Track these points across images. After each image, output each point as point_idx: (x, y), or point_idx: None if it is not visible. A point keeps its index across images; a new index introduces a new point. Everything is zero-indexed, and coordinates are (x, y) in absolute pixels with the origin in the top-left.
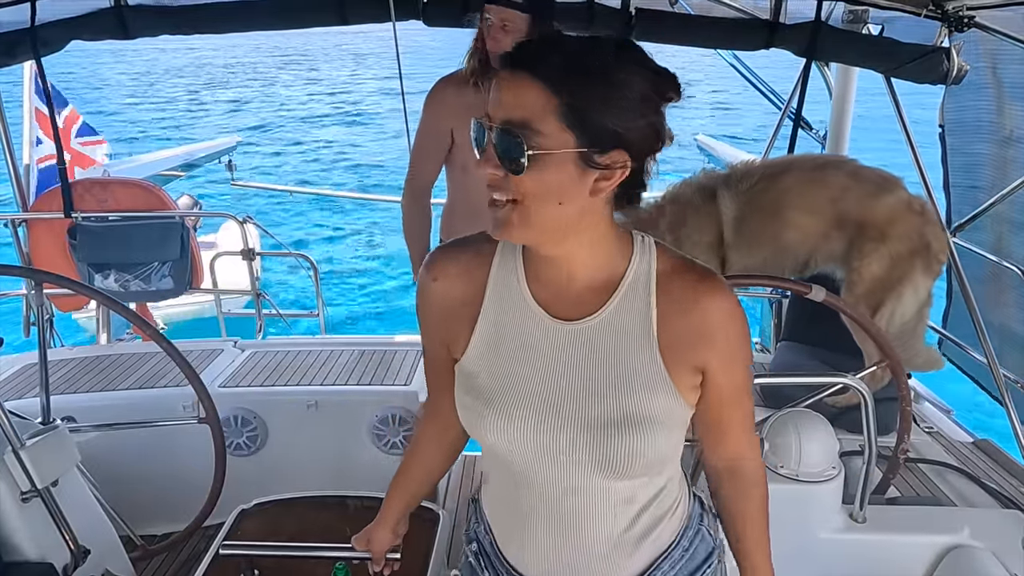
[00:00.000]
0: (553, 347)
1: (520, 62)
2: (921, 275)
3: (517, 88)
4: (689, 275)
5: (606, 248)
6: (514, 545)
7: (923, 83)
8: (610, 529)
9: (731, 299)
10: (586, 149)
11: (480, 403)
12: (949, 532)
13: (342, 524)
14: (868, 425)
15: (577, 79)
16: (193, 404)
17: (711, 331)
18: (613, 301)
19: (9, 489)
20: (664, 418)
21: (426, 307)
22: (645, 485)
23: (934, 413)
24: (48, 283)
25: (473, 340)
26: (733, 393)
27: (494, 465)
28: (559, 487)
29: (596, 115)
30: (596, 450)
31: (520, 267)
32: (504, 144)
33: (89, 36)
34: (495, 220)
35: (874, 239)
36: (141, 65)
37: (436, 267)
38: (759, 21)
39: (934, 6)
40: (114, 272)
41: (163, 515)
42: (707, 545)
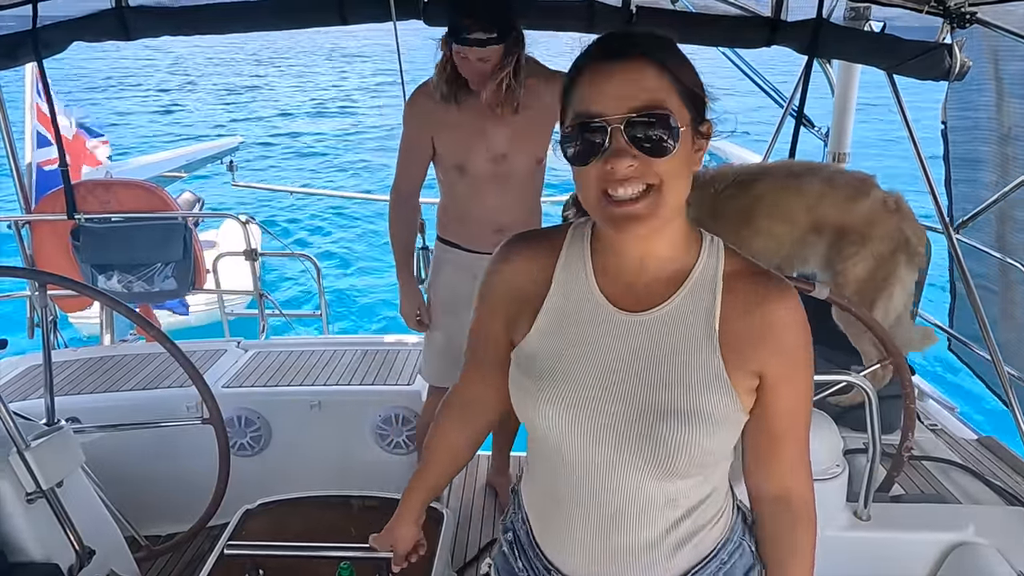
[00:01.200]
0: (615, 336)
1: (627, 50)
2: (905, 270)
3: (635, 74)
4: (756, 278)
5: (681, 242)
6: (551, 537)
7: (925, 80)
8: (650, 530)
9: (798, 307)
10: (696, 121)
11: (536, 384)
12: (954, 529)
13: (346, 524)
14: (872, 423)
15: (676, 57)
16: (197, 405)
17: (773, 335)
18: (679, 295)
19: (14, 490)
20: (715, 416)
21: (496, 286)
22: (690, 489)
23: (938, 411)
24: (52, 284)
25: (537, 323)
26: (792, 406)
27: (540, 453)
28: (603, 479)
29: (694, 89)
30: (643, 439)
31: (588, 256)
32: (646, 130)
33: (90, 37)
34: (630, 215)
35: (855, 242)
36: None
37: (513, 250)
38: (760, 18)
39: (936, 2)
40: (117, 273)
41: (168, 515)
42: (746, 561)
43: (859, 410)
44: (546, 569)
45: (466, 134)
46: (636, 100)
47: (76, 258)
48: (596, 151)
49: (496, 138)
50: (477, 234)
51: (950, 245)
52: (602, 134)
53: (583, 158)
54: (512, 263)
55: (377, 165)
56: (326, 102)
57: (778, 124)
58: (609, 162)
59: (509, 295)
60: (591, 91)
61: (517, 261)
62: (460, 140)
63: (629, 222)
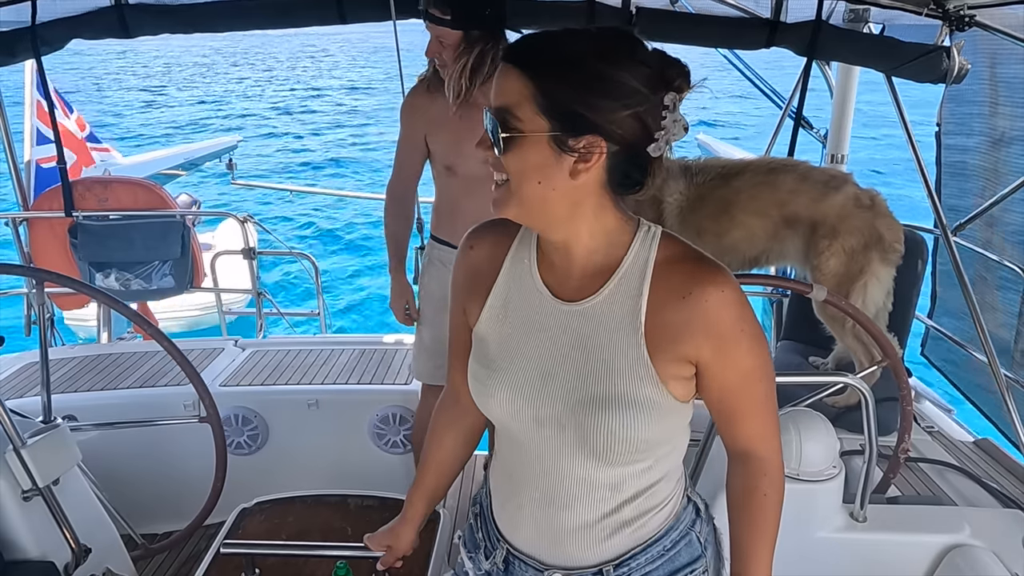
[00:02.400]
0: (553, 325)
1: (508, 55)
2: (880, 265)
3: (503, 78)
4: (689, 264)
5: (606, 234)
6: (504, 512)
7: (924, 82)
8: (591, 511)
9: (727, 287)
10: (559, 133)
11: (486, 371)
12: (950, 531)
13: (343, 523)
14: (869, 424)
15: (553, 69)
16: (194, 403)
17: (706, 319)
18: (608, 286)
19: (10, 488)
20: (646, 406)
21: (457, 272)
22: (634, 476)
23: (935, 412)
24: (49, 282)
25: (485, 308)
26: (738, 381)
27: (499, 434)
28: (550, 461)
29: (568, 102)
30: (578, 427)
31: (533, 249)
32: (491, 127)
33: (90, 35)
34: (493, 198)
35: (827, 236)
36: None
37: (474, 237)
38: (760, 20)
39: (935, 5)
40: (115, 271)
41: (164, 514)
42: (692, 551)
43: (856, 412)
44: (498, 540)
45: (456, 134)
46: (496, 100)
47: (74, 256)
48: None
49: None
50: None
51: (947, 247)
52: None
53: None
54: (473, 249)
55: (374, 163)
56: (325, 98)
57: (777, 125)
58: (478, 145)
59: (467, 282)
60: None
61: (476, 249)
62: (451, 140)
63: (495, 204)
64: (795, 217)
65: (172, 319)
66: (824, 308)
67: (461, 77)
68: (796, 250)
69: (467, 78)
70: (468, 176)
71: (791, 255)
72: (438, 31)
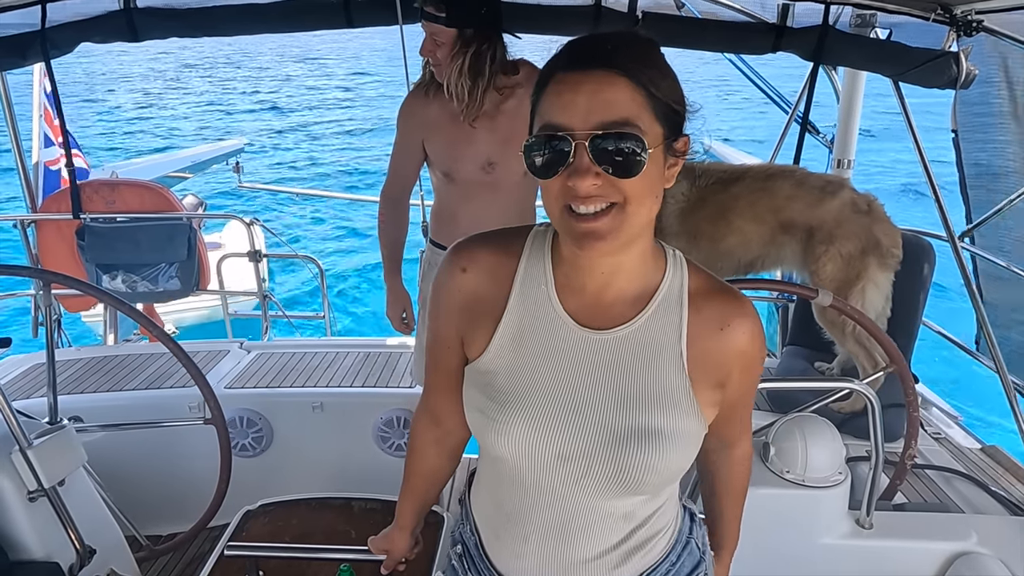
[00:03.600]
0: (577, 354)
1: (599, 60)
2: (877, 270)
3: (606, 88)
4: (720, 295)
5: (647, 259)
6: (502, 548)
7: (931, 87)
8: (604, 542)
9: (756, 320)
10: (670, 138)
11: (495, 404)
12: (956, 539)
13: (347, 525)
14: (875, 430)
15: (651, 71)
16: (199, 405)
17: (738, 353)
18: (646, 313)
19: (16, 488)
20: (683, 435)
21: (448, 296)
22: (645, 503)
23: (941, 419)
24: (56, 284)
25: (495, 339)
26: (740, 398)
27: (494, 467)
28: (563, 495)
29: (670, 104)
30: (612, 461)
31: (549, 270)
32: (613, 148)
33: (99, 38)
34: (592, 232)
35: (823, 242)
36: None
37: (465, 257)
38: (766, 25)
39: (942, 10)
40: (122, 273)
41: (169, 515)
42: (694, 558)
43: (862, 417)
44: None
45: (453, 140)
46: (605, 115)
47: (81, 258)
48: (560, 165)
49: (484, 146)
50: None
51: (954, 252)
52: (567, 148)
53: (546, 171)
54: (468, 272)
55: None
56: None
57: (783, 131)
58: (572, 179)
59: (464, 305)
60: (558, 101)
61: (471, 272)
62: (448, 146)
63: (590, 239)
64: (792, 223)
65: (185, 315)
66: (824, 313)
67: (460, 79)
68: (793, 255)
69: (467, 79)
70: (466, 182)
71: (788, 260)
72: (433, 29)
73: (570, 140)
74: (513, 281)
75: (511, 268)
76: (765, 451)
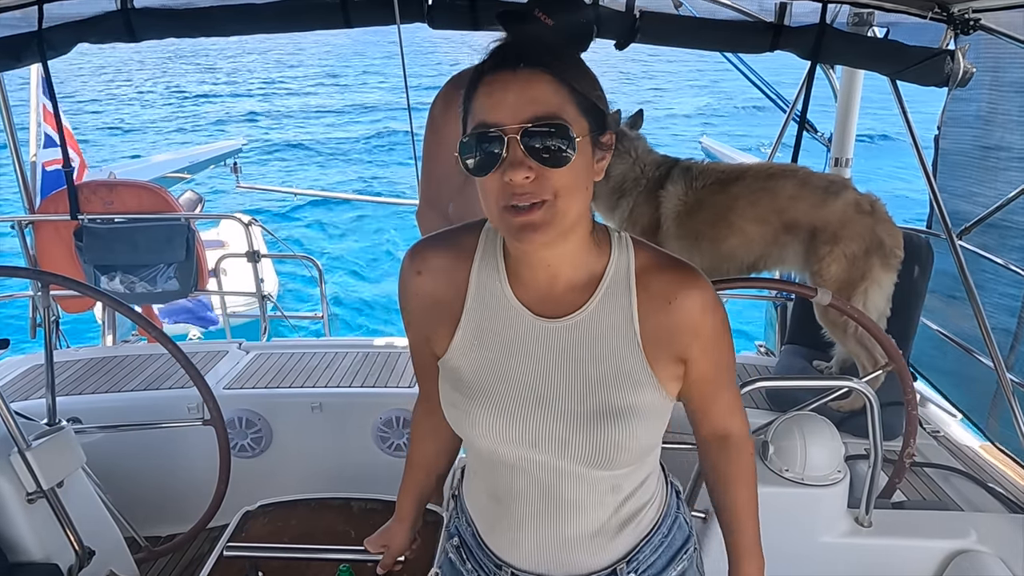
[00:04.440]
0: (537, 344)
1: (523, 60)
2: (881, 271)
3: (532, 85)
4: (666, 270)
5: (589, 245)
6: (498, 535)
7: (928, 86)
8: (597, 516)
9: (707, 291)
10: (595, 132)
11: (465, 399)
12: (955, 537)
13: (346, 526)
14: (874, 429)
15: (572, 68)
16: (198, 406)
17: (691, 322)
18: (595, 298)
19: (15, 490)
20: (648, 410)
21: (408, 300)
22: (629, 474)
23: (940, 417)
24: (54, 285)
25: (456, 337)
26: (714, 369)
27: (479, 459)
28: (547, 478)
29: (592, 100)
30: (584, 442)
31: (502, 266)
32: (543, 140)
33: (96, 39)
34: (528, 224)
35: (827, 242)
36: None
37: (419, 260)
38: (764, 24)
39: (939, 9)
40: (120, 274)
41: (168, 516)
42: (683, 533)
43: (860, 416)
44: (496, 567)
45: None
46: (533, 111)
47: (79, 259)
48: (494, 161)
49: None
50: None
51: (952, 251)
52: (499, 144)
53: (482, 168)
54: (422, 275)
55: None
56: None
57: (781, 129)
58: (507, 173)
59: (424, 309)
60: (489, 101)
61: (429, 272)
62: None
63: (527, 231)
64: (795, 223)
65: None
66: (825, 312)
67: None
68: (796, 256)
69: None
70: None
71: (791, 261)
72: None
73: (503, 136)
74: (469, 279)
75: (466, 267)
76: (764, 450)
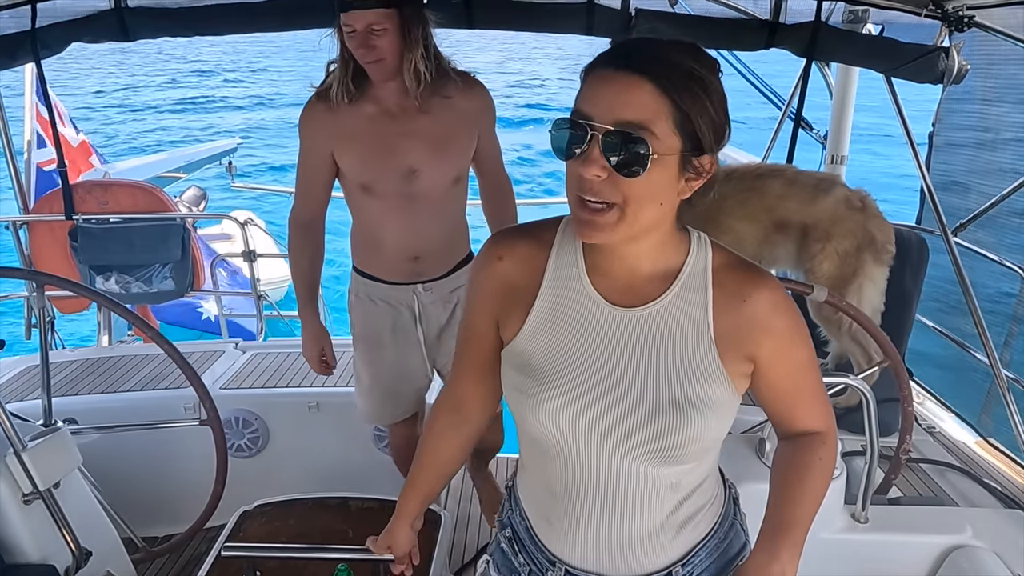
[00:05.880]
0: (610, 332)
1: (633, 63)
2: (873, 266)
3: (630, 89)
4: (740, 270)
5: (666, 244)
6: (554, 530)
7: (923, 82)
8: (656, 515)
9: (778, 292)
10: (688, 152)
11: (535, 382)
12: (951, 532)
13: (344, 525)
14: (870, 425)
15: (685, 84)
16: (194, 406)
17: (762, 320)
18: (672, 291)
19: (11, 491)
20: (717, 404)
21: (484, 283)
22: (690, 472)
23: (936, 413)
24: (50, 285)
25: (530, 318)
26: (795, 373)
27: (538, 450)
28: (608, 469)
29: (698, 120)
30: (652, 432)
31: (580, 256)
32: (620, 146)
33: (89, 38)
34: (590, 222)
35: (819, 239)
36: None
37: (502, 246)
38: (759, 21)
39: (934, 6)
40: (115, 274)
41: (165, 517)
42: (740, 540)
43: (856, 412)
44: (550, 563)
45: (371, 147)
46: (622, 114)
47: (74, 259)
48: (575, 151)
49: (406, 152)
50: (391, 264)
51: (947, 247)
52: (584, 136)
53: (561, 153)
54: (503, 260)
55: None
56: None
57: (776, 127)
58: (582, 166)
59: (500, 292)
60: (589, 92)
61: (508, 258)
62: (365, 154)
63: (586, 228)
64: (785, 222)
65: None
66: (820, 309)
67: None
68: (788, 254)
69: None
70: (386, 196)
71: (783, 259)
72: (369, 18)
73: (588, 130)
74: (546, 267)
75: (544, 255)
76: (761, 447)
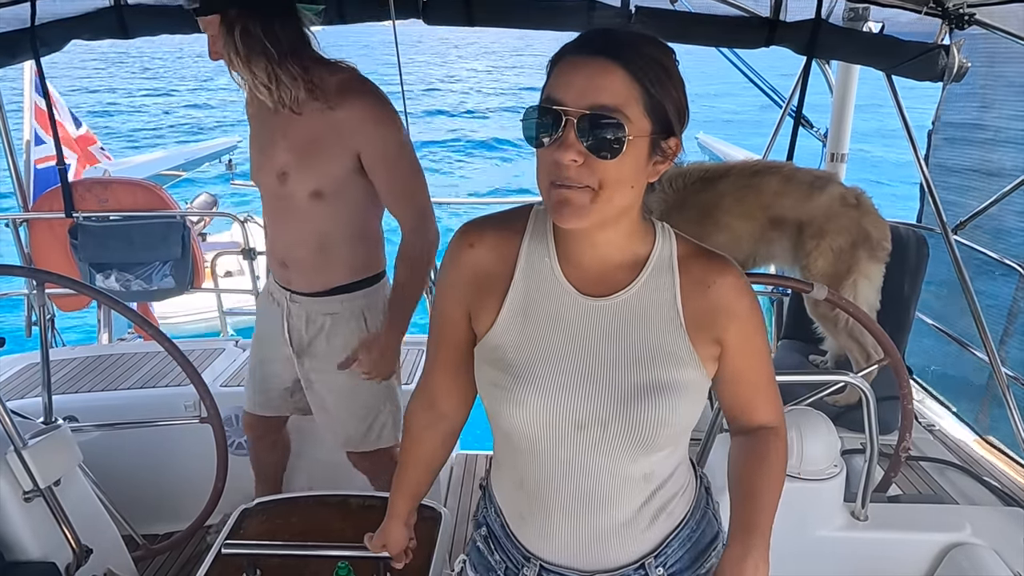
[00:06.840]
0: (582, 321)
1: (604, 50)
2: (868, 263)
3: (604, 74)
4: (704, 258)
5: (634, 232)
6: (528, 526)
7: (923, 80)
8: (629, 506)
9: (740, 278)
10: (657, 135)
11: (508, 376)
12: (951, 530)
13: (344, 523)
14: (870, 423)
15: (653, 70)
16: (195, 403)
17: (728, 305)
18: (641, 278)
19: (12, 489)
20: (689, 387)
21: (456, 273)
22: (662, 461)
23: (935, 410)
24: (50, 283)
25: (503, 311)
26: (755, 360)
27: (511, 444)
28: (582, 462)
29: (666, 104)
30: (626, 418)
31: (551, 245)
32: (596, 129)
33: (89, 36)
34: (567, 206)
35: (814, 236)
36: None
37: (472, 234)
38: (759, 19)
39: (934, 3)
40: (115, 272)
41: (165, 514)
42: (713, 528)
43: (856, 410)
44: (525, 559)
45: (256, 138)
46: (596, 99)
47: (74, 257)
48: (548, 137)
49: (279, 152)
50: (272, 262)
51: (948, 245)
52: (557, 123)
53: (535, 140)
54: (474, 248)
55: None
56: None
57: (776, 124)
58: (557, 152)
59: (472, 282)
60: (560, 79)
61: (479, 245)
62: (252, 142)
63: (563, 207)
64: (781, 219)
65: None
66: (816, 307)
67: (247, 67)
68: (784, 251)
69: (254, 64)
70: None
71: (779, 256)
72: (202, 24)
73: (562, 115)
74: (518, 256)
75: (515, 244)
76: None
